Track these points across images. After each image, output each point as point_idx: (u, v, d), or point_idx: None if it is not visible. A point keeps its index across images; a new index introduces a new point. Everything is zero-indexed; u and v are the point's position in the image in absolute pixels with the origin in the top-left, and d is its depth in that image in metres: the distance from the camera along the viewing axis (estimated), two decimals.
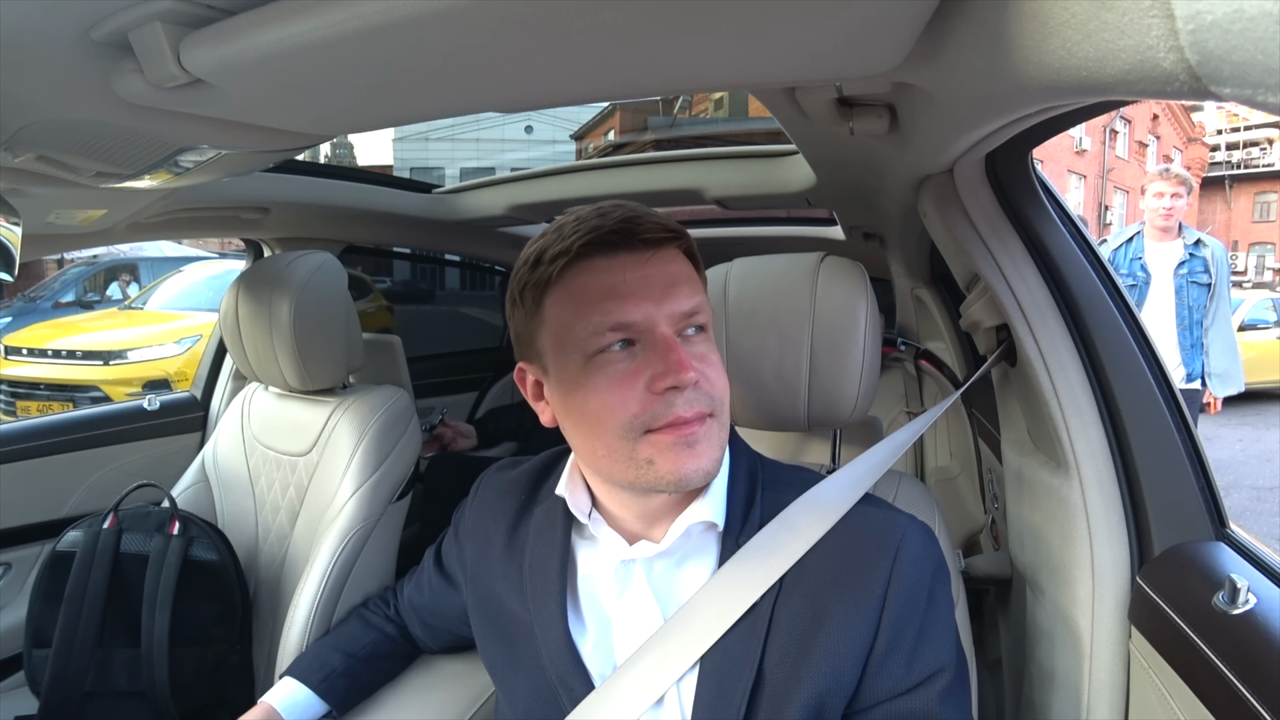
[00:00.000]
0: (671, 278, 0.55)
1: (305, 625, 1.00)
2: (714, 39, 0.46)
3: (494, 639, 0.68)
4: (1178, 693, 0.58)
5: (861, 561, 0.56)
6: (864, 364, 0.79)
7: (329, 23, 0.43)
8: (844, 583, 0.56)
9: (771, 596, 0.56)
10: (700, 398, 0.54)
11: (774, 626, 0.56)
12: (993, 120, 0.57)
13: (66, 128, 0.65)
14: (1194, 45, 0.24)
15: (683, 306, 0.55)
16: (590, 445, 0.56)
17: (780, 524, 0.59)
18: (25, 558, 1.38)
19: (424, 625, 0.88)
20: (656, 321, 0.53)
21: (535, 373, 0.61)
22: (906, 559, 0.56)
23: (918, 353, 1.83)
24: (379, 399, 1.16)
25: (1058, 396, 0.74)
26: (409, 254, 2.37)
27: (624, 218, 0.54)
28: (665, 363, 0.52)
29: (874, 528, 0.58)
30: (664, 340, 0.53)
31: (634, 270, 0.54)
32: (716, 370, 0.56)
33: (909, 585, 0.55)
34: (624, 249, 0.54)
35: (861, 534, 0.58)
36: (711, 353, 0.57)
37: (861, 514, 0.60)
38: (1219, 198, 24.26)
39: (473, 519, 0.75)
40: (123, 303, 6.24)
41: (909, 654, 0.54)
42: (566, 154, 15.31)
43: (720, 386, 0.56)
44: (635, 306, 0.53)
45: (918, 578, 0.56)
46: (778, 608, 0.56)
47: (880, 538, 0.57)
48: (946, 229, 0.81)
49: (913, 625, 0.55)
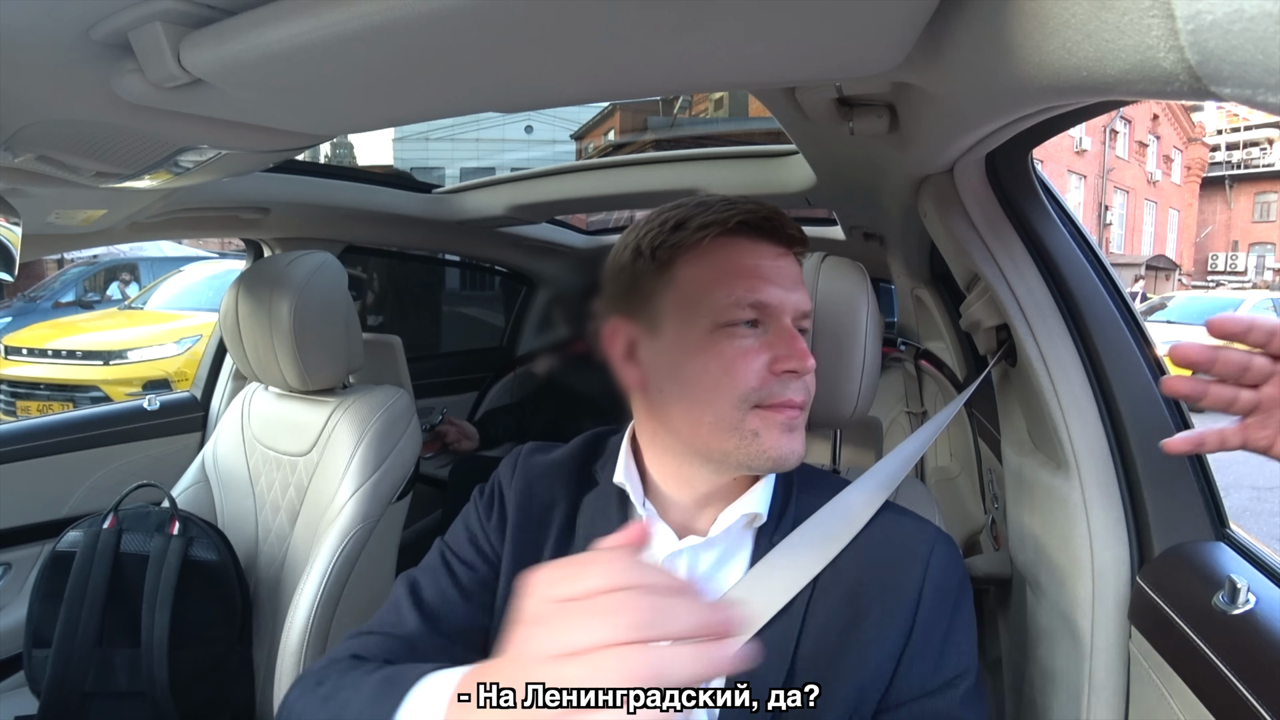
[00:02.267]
0: (798, 278, 0.60)
1: (305, 625, 1.00)
2: (714, 39, 0.46)
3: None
4: (1178, 693, 0.58)
5: (897, 563, 0.59)
6: (865, 364, 0.79)
7: (329, 23, 0.43)
8: (880, 583, 0.58)
9: (805, 595, 0.58)
10: (805, 389, 0.58)
11: (807, 624, 0.57)
12: (993, 120, 0.57)
13: (66, 128, 0.65)
14: (1194, 45, 0.24)
15: (805, 305, 0.59)
16: (696, 412, 0.57)
17: (814, 525, 0.61)
18: (25, 558, 1.38)
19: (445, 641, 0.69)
20: (785, 310, 0.58)
21: (636, 332, 0.61)
22: (938, 565, 0.58)
23: (918, 353, 1.83)
24: (379, 399, 1.16)
25: (1058, 396, 0.74)
26: (409, 254, 2.37)
27: (773, 211, 0.59)
28: (790, 348, 0.56)
29: (907, 533, 0.61)
30: (788, 329, 0.57)
31: (776, 260, 0.59)
32: (813, 373, 0.60)
33: (940, 589, 0.57)
34: (770, 238, 0.59)
35: (895, 539, 0.60)
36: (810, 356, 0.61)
37: (893, 521, 0.62)
38: (1219, 198, 24.26)
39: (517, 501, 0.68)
40: (123, 303, 6.24)
41: (936, 655, 0.56)
42: (566, 154, 15.31)
43: (813, 388, 0.60)
44: (774, 291, 0.57)
45: (947, 584, 0.58)
46: (812, 606, 0.58)
47: (913, 544, 0.60)
48: (946, 229, 0.81)
49: (940, 627, 0.57)
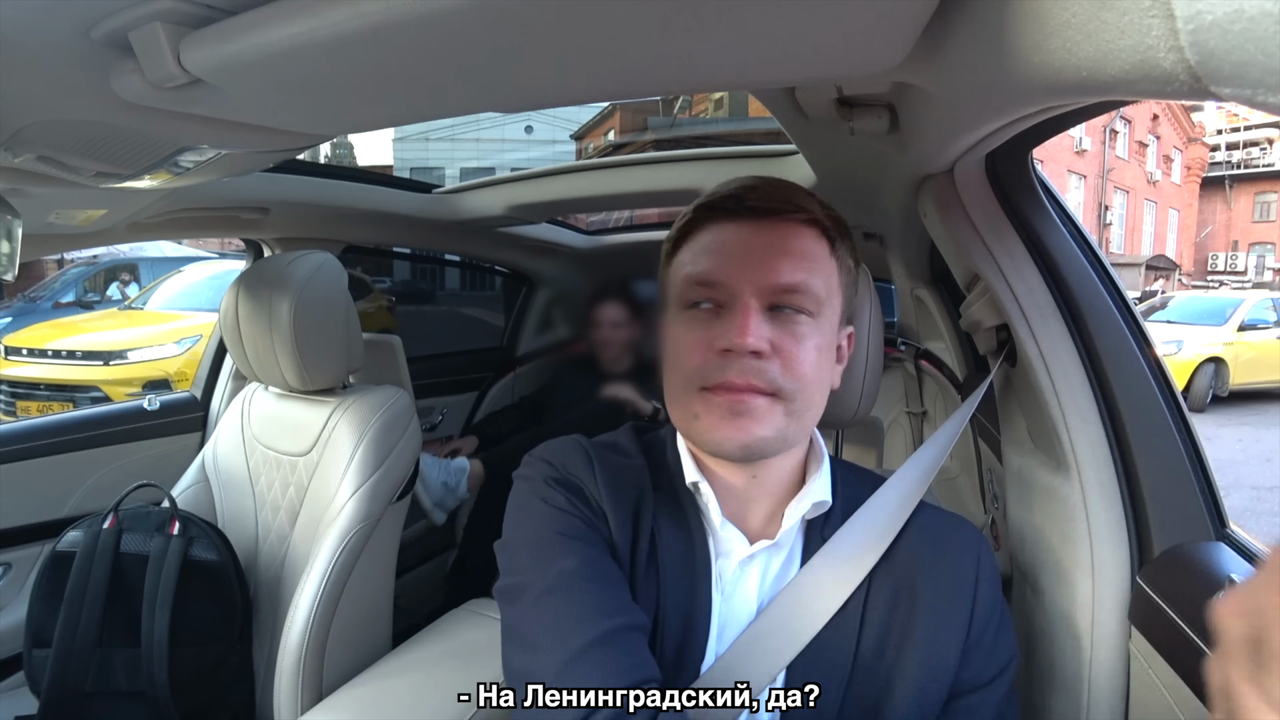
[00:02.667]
0: (779, 250, 0.55)
1: (305, 625, 1.00)
2: (714, 39, 0.46)
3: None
4: (1178, 693, 0.58)
5: (950, 552, 0.59)
6: (866, 364, 0.79)
7: (329, 23, 0.43)
8: (936, 571, 0.58)
9: (862, 592, 0.57)
10: (759, 372, 0.53)
11: (867, 618, 0.57)
12: (993, 120, 0.57)
13: (66, 128, 0.65)
14: (1194, 45, 0.24)
15: (779, 279, 0.54)
16: (667, 391, 0.59)
17: (863, 519, 0.60)
18: (25, 558, 1.38)
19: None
20: (742, 288, 0.54)
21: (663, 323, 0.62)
22: (987, 558, 0.59)
23: (918, 353, 1.83)
24: (379, 399, 1.16)
25: (1058, 396, 0.74)
26: (409, 254, 2.37)
27: (740, 187, 0.57)
28: (731, 326, 0.53)
29: (951, 528, 0.61)
30: (741, 307, 0.54)
31: (738, 237, 0.56)
32: (800, 355, 0.54)
33: (992, 582, 0.58)
34: (735, 216, 0.57)
35: (942, 533, 0.60)
36: (809, 338, 0.55)
37: (934, 515, 0.62)
38: (1219, 198, 24.25)
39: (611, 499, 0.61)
40: (123, 303, 6.24)
41: (989, 647, 0.56)
42: (566, 154, 15.31)
43: (798, 373, 0.54)
44: (724, 270, 0.55)
45: (995, 576, 0.59)
46: (870, 599, 0.57)
47: (960, 534, 0.60)
48: (946, 229, 0.81)
49: (994, 619, 0.57)
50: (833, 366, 0.59)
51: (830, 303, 0.57)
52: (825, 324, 0.57)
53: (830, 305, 0.57)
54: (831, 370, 0.59)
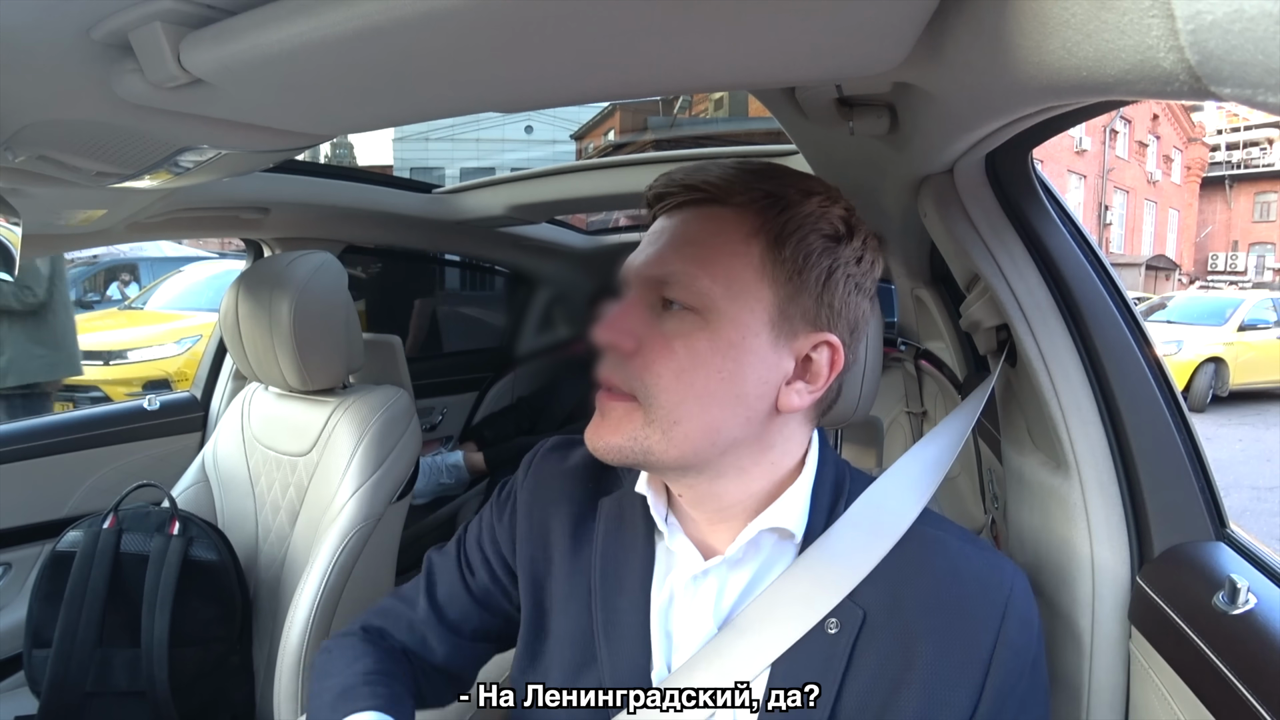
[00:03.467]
0: (670, 239, 0.50)
1: (305, 625, 1.00)
2: (714, 39, 0.46)
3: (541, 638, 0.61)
4: (1178, 693, 0.58)
5: (966, 612, 0.50)
6: (865, 364, 0.79)
7: (329, 23, 0.43)
8: (945, 631, 0.50)
9: (853, 629, 0.51)
10: (619, 371, 0.49)
11: (855, 662, 0.50)
12: (993, 120, 0.57)
13: (66, 128, 0.65)
14: (1194, 45, 0.24)
15: (651, 270, 0.50)
16: None
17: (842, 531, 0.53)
18: (25, 558, 1.38)
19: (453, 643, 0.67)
20: (630, 280, 0.52)
21: None
22: (1016, 620, 0.50)
23: (918, 353, 1.83)
24: (379, 399, 1.16)
25: (1058, 396, 0.74)
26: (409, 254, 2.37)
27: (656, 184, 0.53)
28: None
29: (979, 572, 0.53)
30: (627, 298, 0.51)
31: (656, 228, 0.53)
32: (667, 359, 0.48)
33: (1017, 652, 0.50)
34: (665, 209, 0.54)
35: (965, 577, 0.52)
36: (681, 338, 0.48)
37: (963, 554, 0.54)
38: (1219, 198, 24.26)
39: (528, 504, 0.64)
40: (123, 303, 6.24)
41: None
42: (566, 154, 15.31)
43: (651, 374, 0.48)
44: (628, 264, 0.52)
45: (1025, 643, 0.51)
46: (860, 642, 0.50)
47: (986, 588, 0.52)
48: (946, 229, 0.81)
49: (1017, 694, 0.50)
50: (740, 377, 0.49)
51: (742, 299, 0.48)
52: (724, 323, 0.48)
53: (741, 302, 0.48)
54: (739, 382, 0.49)
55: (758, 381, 0.49)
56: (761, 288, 0.49)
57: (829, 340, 0.51)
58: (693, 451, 0.50)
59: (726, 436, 0.50)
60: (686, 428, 0.49)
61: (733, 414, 0.50)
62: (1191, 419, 0.72)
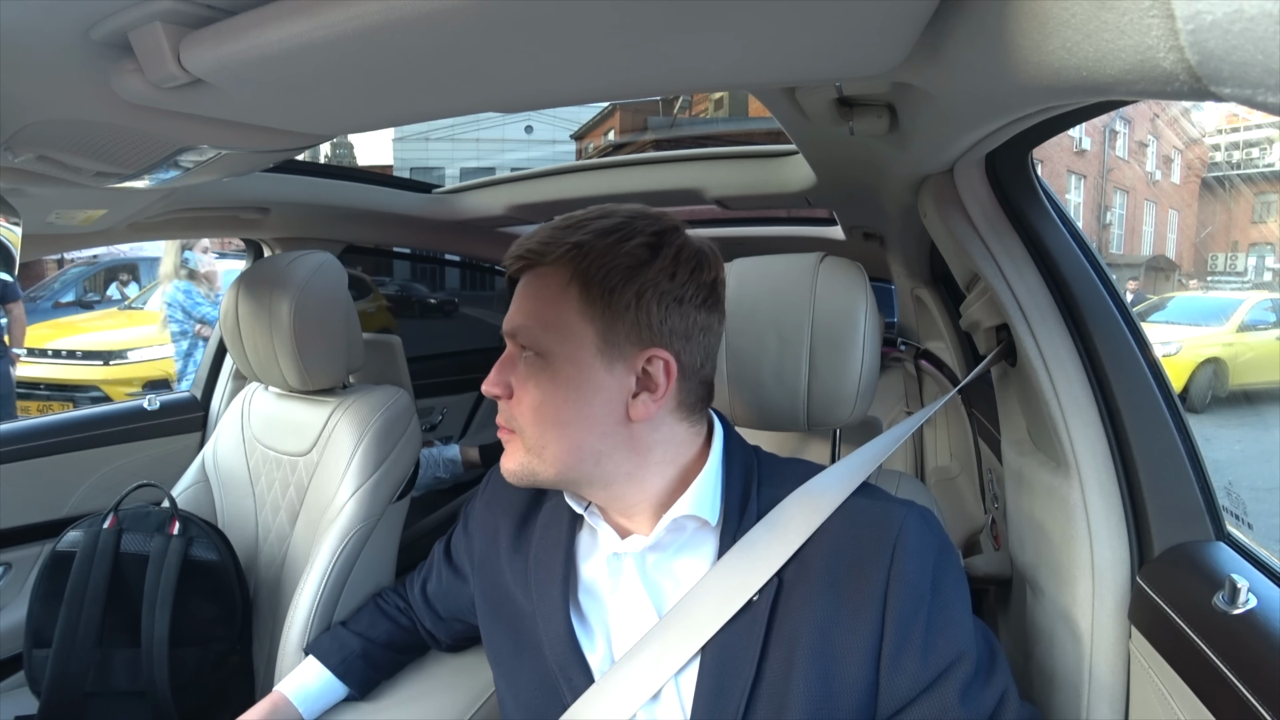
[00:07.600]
0: (517, 299, 0.60)
1: (305, 625, 1.00)
2: (714, 39, 0.46)
3: (499, 629, 0.70)
4: (1178, 693, 0.58)
5: (859, 561, 0.56)
6: (863, 364, 0.79)
7: (329, 23, 0.43)
8: (843, 584, 0.56)
9: (771, 594, 0.57)
10: (504, 412, 0.60)
11: (774, 625, 0.56)
12: (993, 120, 0.57)
13: (66, 128, 0.65)
14: (1194, 45, 0.24)
15: (507, 327, 0.60)
16: None
17: (775, 518, 0.60)
18: (25, 558, 1.38)
19: (435, 619, 0.89)
20: (507, 334, 0.60)
21: None
22: (904, 554, 0.56)
23: (918, 353, 1.83)
24: (379, 399, 1.16)
25: (1058, 396, 0.74)
26: (409, 254, 2.37)
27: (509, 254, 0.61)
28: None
29: (871, 522, 0.58)
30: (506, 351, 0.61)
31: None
32: (525, 397, 0.58)
33: (908, 582, 0.55)
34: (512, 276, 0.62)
35: (859, 530, 0.58)
36: (531, 379, 0.58)
37: (859, 508, 0.60)
38: (1219, 198, 24.26)
39: (482, 511, 0.77)
40: (123, 303, 6.24)
41: (920, 649, 0.54)
42: (566, 154, 15.32)
43: (521, 412, 0.58)
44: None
45: (917, 571, 0.55)
46: (778, 606, 0.57)
47: (877, 534, 0.57)
48: (946, 229, 0.81)
49: (919, 620, 0.54)
50: (584, 401, 0.57)
51: (571, 339, 0.57)
52: (560, 361, 0.57)
53: (571, 342, 0.57)
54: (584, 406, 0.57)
55: (602, 402, 0.57)
56: (583, 325, 0.57)
57: (656, 354, 0.58)
58: (567, 468, 0.58)
59: (591, 450, 0.58)
60: (554, 450, 0.58)
61: (589, 432, 0.58)
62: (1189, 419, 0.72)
